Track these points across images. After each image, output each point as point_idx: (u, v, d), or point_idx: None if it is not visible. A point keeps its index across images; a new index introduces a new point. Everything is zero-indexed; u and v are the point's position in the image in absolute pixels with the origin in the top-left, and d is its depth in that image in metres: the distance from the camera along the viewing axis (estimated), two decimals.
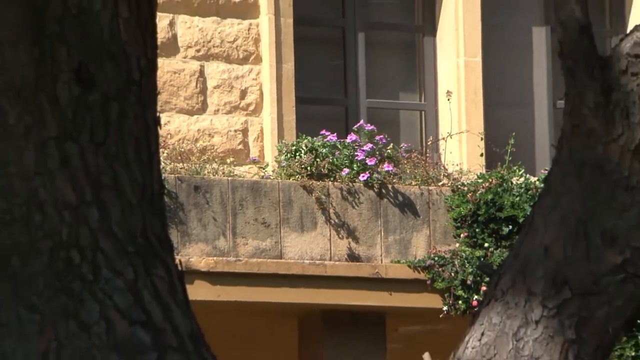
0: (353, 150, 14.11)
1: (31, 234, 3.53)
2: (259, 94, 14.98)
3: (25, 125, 3.56)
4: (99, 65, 3.61)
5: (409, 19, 16.05)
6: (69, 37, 3.53)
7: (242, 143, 15.07)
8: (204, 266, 13.03)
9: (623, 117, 3.77)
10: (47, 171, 3.57)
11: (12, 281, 3.49)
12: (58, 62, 3.52)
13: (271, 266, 13.35)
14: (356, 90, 15.41)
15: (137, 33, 3.73)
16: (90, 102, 3.59)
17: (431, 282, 13.61)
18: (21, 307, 3.54)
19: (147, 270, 3.60)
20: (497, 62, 15.64)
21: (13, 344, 3.50)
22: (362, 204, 13.74)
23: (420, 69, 15.73)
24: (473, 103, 15.21)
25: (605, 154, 3.81)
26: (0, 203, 3.54)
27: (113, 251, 3.54)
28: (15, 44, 3.52)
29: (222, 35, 14.94)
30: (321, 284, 13.51)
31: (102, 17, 3.60)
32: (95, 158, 3.57)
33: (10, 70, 3.54)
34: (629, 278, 3.82)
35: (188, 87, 14.64)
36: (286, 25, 14.86)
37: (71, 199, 3.56)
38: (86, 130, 3.56)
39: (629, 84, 3.80)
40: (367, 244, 13.85)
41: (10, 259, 3.55)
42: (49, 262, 3.51)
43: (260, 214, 13.69)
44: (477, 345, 3.86)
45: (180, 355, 3.59)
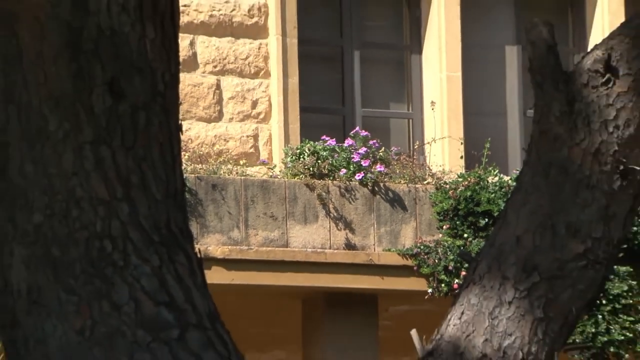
0: (350, 153, 14.04)
1: (69, 226, 3.50)
2: (268, 104, 14.89)
3: (64, 131, 3.53)
4: (129, 79, 3.57)
5: (398, 39, 15.96)
6: (102, 55, 3.51)
7: (253, 147, 14.95)
8: (220, 254, 12.96)
9: (585, 125, 3.73)
10: (84, 171, 3.53)
11: (52, 268, 3.47)
12: (93, 76, 3.49)
13: (278, 254, 13.28)
14: (352, 101, 15.30)
15: (162, 51, 3.71)
16: (120, 111, 3.55)
17: (417, 267, 13.53)
18: (61, 290, 3.52)
19: (170, 258, 3.55)
20: (475, 76, 15.49)
21: (53, 322, 3.47)
22: (358, 200, 13.68)
23: (408, 83, 15.64)
24: (454, 112, 15.14)
25: (569, 156, 3.77)
26: (42, 199, 3.52)
27: (141, 241, 3.51)
28: (55, 60, 3.48)
29: (236, 53, 14.89)
30: (322, 269, 13.42)
31: (131, 38, 3.58)
32: (125, 160, 3.53)
33: (51, 83, 3.51)
34: (589, 265, 3.79)
35: (206, 98, 14.55)
36: (291, 44, 14.77)
37: (104, 196, 3.52)
38: (117, 136, 3.53)
39: (589, 96, 3.76)
40: (362, 235, 13.77)
41: (51, 248, 3.51)
42: (85, 251, 3.49)
43: (269, 208, 13.60)
44: (457, 323, 3.82)
45: (199, 331, 3.55)
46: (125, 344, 3.48)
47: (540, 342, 3.84)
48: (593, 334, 13.22)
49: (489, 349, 3.81)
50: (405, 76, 15.83)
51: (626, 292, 13.35)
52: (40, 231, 3.57)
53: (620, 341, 13.25)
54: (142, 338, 3.49)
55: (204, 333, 3.62)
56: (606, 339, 13.18)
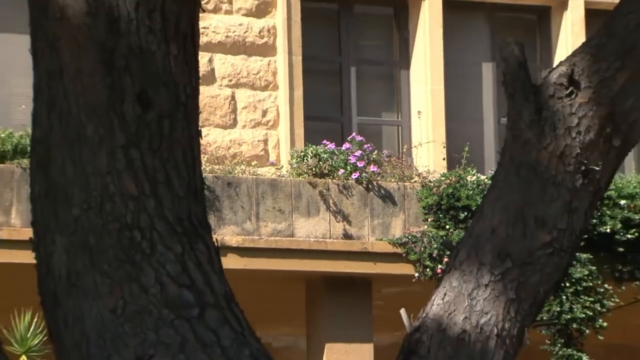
0: (347, 156, 13.93)
1: (103, 219, 3.51)
2: (276, 113, 14.77)
3: (99, 136, 3.54)
4: (155, 91, 3.58)
5: (389, 56, 15.86)
6: (132, 70, 3.51)
7: (263, 150, 14.85)
8: (234, 243, 12.87)
9: (551, 131, 3.70)
10: (116, 171, 3.53)
11: (89, 255, 3.47)
12: (124, 88, 3.50)
13: (285, 243, 13.18)
14: (349, 110, 15.20)
15: (184, 67, 3.70)
16: (148, 119, 3.56)
17: (406, 254, 13.42)
18: (96, 274, 3.53)
19: (191, 246, 3.56)
20: (456, 89, 15.37)
21: (90, 302, 3.48)
22: (354, 196, 13.55)
23: (397, 94, 15.52)
24: (437, 120, 15.03)
25: (537, 158, 3.74)
26: (80, 195, 3.54)
27: (165, 231, 3.52)
28: (92, 75, 3.49)
29: (248, 69, 14.81)
30: (323, 256, 13.31)
31: (157, 56, 3.59)
32: (152, 161, 3.54)
33: (88, 95, 3.51)
34: (555, 252, 3.76)
35: (222, 108, 14.45)
36: (296, 61, 14.68)
37: (134, 192, 3.52)
38: (145, 140, 3.54)
39: (555, 106, 3.72)
40: (358, 226, 13.66)
41: (88, 238, 3.52)
42: (117, 240, 3.49)
43: (277, 203, 13.48)
44: (440, 303, 3.79)
45: (217, 310, 3.55)
46: (152, 320, 3.48)
47: (513, 319, 3.81)
48: (558, 312, 13.17)
49: (468, 326, 3.77)
50: (395, 89, 15.72)
51: (587, 276, 13.23)
52: (78, 223, 3.56)
53: (582, 318, 13.17)
54: (167, 316, 3.50)
55: (220, 312, 3.61)
56: (569, 317, 13.10)
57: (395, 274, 13.54)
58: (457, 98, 15.53)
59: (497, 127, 15.11)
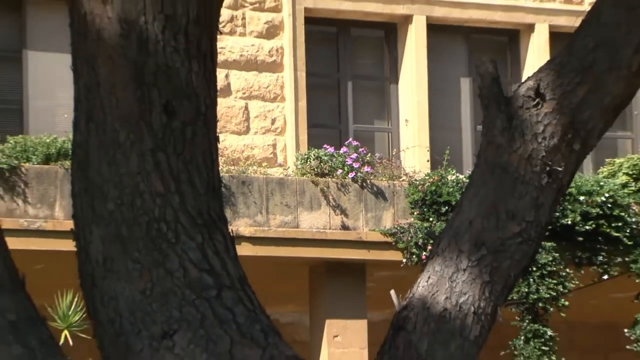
0: (344, 158, 13.79)
1: (134, 212, 3.52)
2: (283, 121, 14.69)
3: (131, 141, 3.54)
4: (179, 102, 3.58)
5: (380, 72, 15.72)
6: (159, 84, 3.52)
7: (272, 153, 14.74)
8: (248, 233, 12.78)
9: (520, 136, 3.69)
10: (145, 171, 3.55)
11: (122, 243, 3.47)
12: (152, 100, 3.51)
13: (291, 233, 13.10)
14: (346, 119, 15.14)
15: (204, 81, 3.72)
16: (173, 127, 3.56)
17: (395, 243, 13.33)
18: (128, 260, 3.54)
19: (210, 236, 3.56)
20: (438, 100, 15.25)
21: (122, 284, 3.49)
22: (350, 193, 13.41)
23: (387, 105, 15.40)
24: (422, 127, 14.93)
25: (508, 160, 3.73)
26: (114, 192, 3.54)
27: (188, 223, 3.52)
28: (124, 88, 3.50)
29: (259, 83, 14.68)
30: (323, 244, 13.21)
31: (181, 72, 3.59)
32: (176, 163, 3.55)
33: (121, 106, 3.52)
34: (524, 241, 3.75)
35: (237, 117, 14.36)
36: (301, 76, 14.60)
37: (160, 190, 3.53)
38: (170, 145, 3.54)
39: (524, 115, 3.72)
40: (354, 219, 13.54)
41: (121, 229, 3.53)
42: (146, 231, 3.50)
43: (284, 199, 13.36)
44: (425, 285, 3.79)
45: (232, 291, 3.55)
46: (176, 300, 3.49)
47: (487, 299, 3.81)
48: (526, 292, 13.09)
49: (449, 305, 3.77)
50: (386, 100, 15.61)
51: (551, 261, 13.19)
52: (113, 216, 3.58)
53: (547, 298, 13.04)
54: (189, 296, 3.50)
55: (235, 292, 3.61)
56: (536, 297, 13.00)
57: (386, 260, 13.40)
58: (439, 108, 15.44)
59: (473, 134, 15.03)
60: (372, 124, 15.71)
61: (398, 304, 3.95)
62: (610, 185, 13.76)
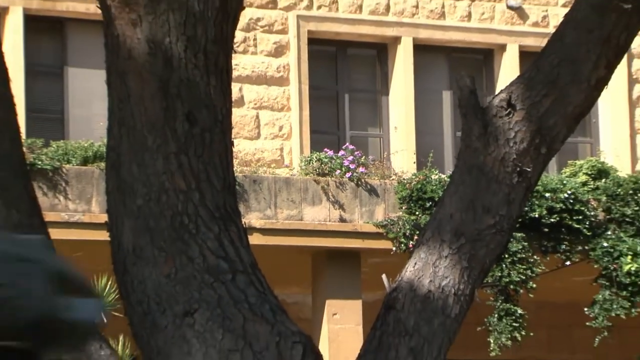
0: (342, 160, 13.67)
1: (160, 207, 3.54)
2: (289, 129, 14.57)
3: (157, 145, 3.57)
4: (199, 111, 3.60)
5: (373, 86, 15.51)
6: (182, 96, 3.52)
7: (280, 156, 14.64)
8: (258, 225, 12.65)
9: (494, 141, 3.69)
10: (169, 171, 3.56)
11: (149, 234, 3.49)
12: (176, 110, 3.53)
13: (296, 225, 12.98)
14: (344, 126, 15.03)
15: (220, 94, 3.72)
16: (194, 132, 3.57)
17: (386, 234, 13.24)
18: (155, 248, 3.56)
19: (226, 228, 3.57)
20: (423, 110, 15.10)
21: (150, 270, 3.50)
22: (347, 190, 13.32)
23: (379, 114, 15.30)
24: (410, 133, 14.84)
25: (484, 162, 3.73)
26: (143, 190, 3.56)
27: (207, 217, 3.54)
28: (152, 99, 3.51)
29: (269, 95, 14.58)
30: (324, 235, 13.13)
31: (201, 85, 3.60)
32: (197, 164, 3.58)
33: (149, 114, 3.53)
34: (497, 232, 3.76)
35: (249, 124, 14.23)
36: (304, 89, 14.46)
37: (183, 187, 3.55)
38: (192, 148, 3.55)
39: (497, 122, 3.72)
40: (350, 213, 13.46)
41: (149, 221, 3.55)
42: (170, 223, 3.51)
43: (290, 195, 13.24)
44: (412, 270, 3.78)
45: (245, 275, 3.56)
46: (196, 283, 3.51)
47: (466, 282, 3.80)
48: (499, 276, 13.08)
49: (432, 287, 3.76)
50: (378, 110, 15.48)
51: (520, 249, 13.18)
52: (141, 210, 3.57)
53: (517, 281, 13.01)
54: (207, 279, 3.53)
55: (247, 276, 3.64)
56: (508, 280, 12.89)
57: (378, 248, 13.27)
58: (424, 117, 15.31)
59: (454, 139, 14.90)
60: (366, 131, 15.58)
61: (389, 286, 3.95)
62: (572, 183, 13.62)
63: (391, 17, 15.52)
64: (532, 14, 15.92)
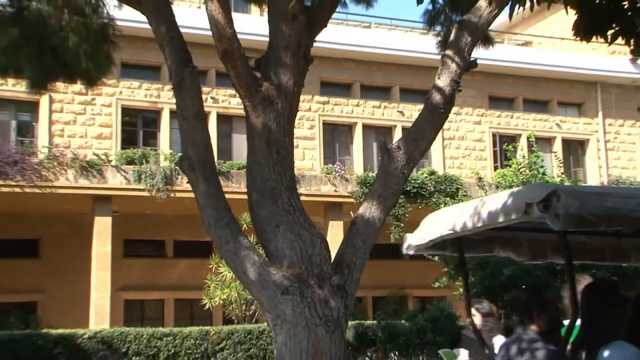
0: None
1: (264, 187, 4.26)
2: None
3: (266, 161, 4.40)
4: (282, 147, 4.52)
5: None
6: (274, 144, 4.37)
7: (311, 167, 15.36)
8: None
9: (393, 161, 4.67)
10: (272, 179, 4.42)
11: (263, 206, 4.24)
12: (271, 150, 4.45)
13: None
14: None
15: (290, 139, 4.48)
16: (280, 157, 4.45)
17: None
18: (268, 208, 4.30)
19: (293, 195, 4.43)
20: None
21: (261, 211, 4.18)
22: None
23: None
24: None
25: (388, 169, 4.58)
26: (258, 181, 4.28)
27: (288, 190, 4.47)
28: (261, 145, 4.31)
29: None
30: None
31: (284, 141, 4.49)
32: (282, 170, 4.52)
33: (262, 150, 4.31)
34: (393, 194, 4.69)
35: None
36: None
37: (275, 181, 4.32)
38: (280, 165, 4.47)
39: (394, 154, 4.67)
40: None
41: (260, 195, 4.23)
42: (273, 201, 4.29)
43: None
44: (364, 204, 4.57)
45: (300, 213, 4.41)
46: (281, 217, 4.28)
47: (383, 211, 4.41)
48: None
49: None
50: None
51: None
52: (259, 189, 4.35)
53: None
54: (285, 216, 4.36)
55: (302, 213, 4.46)
56: None
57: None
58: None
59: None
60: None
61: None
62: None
63: None
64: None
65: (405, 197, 13.64)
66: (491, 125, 16.73)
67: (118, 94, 13.74)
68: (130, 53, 11.71)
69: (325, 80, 15.92)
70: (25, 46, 5.37)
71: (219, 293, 11.80)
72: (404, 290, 15.87)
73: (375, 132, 16.22)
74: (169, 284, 14.50)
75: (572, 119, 16.79)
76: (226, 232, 4.17)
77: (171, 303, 14.54)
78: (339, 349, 4.22)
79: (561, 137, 16.70)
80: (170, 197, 12.59)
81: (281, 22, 4.34)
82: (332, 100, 16.23)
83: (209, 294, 11.94)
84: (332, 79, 16.13)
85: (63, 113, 13.40)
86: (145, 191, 12.41)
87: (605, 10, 2.80)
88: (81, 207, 12.49)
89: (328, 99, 15.75)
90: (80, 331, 10.33)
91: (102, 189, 12.50)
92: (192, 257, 14.44)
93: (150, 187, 12.44)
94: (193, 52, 4.43)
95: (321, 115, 15.77)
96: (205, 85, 14.04)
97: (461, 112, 16.47)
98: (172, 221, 13.88)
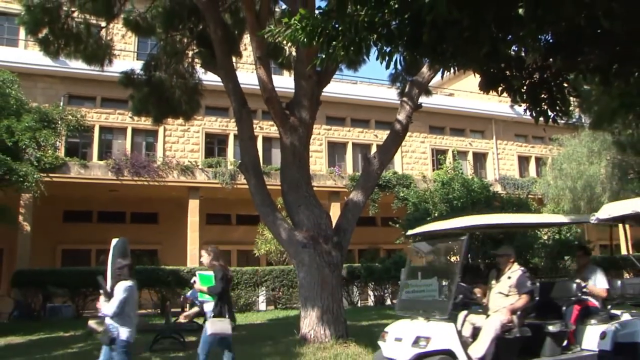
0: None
1: (292, 184, 4.19)
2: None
3: (294, 168, 4.20)
4: (302, 159, 4.36)
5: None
6: (302, 158, 4.17)
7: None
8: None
9: (370, 165, 4.43)
10: (296, 179, 4.26)
11: (290, 198, 4.03)
12: (294, 161, 4.30)
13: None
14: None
15: (305, 150, 4.15)
16: (301, 165, 4.29)
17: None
18: (294, 196, 4.07)
19: (310, 186, 4.36)
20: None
21: (292, 195, 4.00)
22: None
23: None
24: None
25: (369, 172, 4.45)
26: (288, 180, 4.30)
27: (306, 186, 4.27)
28: (289, 158, 4.04)
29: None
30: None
31: (304, 155, 4.27)
32: (302, 175, 4.39)
33: (289, 162, 4.00)
34: (372, 185, 4.44)
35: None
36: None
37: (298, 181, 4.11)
38: (301, 178, 4.19)
39: (370, 161, 4.40)
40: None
41: (289, 191, 3.99)
42: (297, 193, 4.17)
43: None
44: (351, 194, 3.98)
45: (315, 198, 4.33)
46: (302, 200, 4.26)
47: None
48: None
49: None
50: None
51: None
52: (288, 184, 4.48)
53: None
54: (305, 199, 4.30)
55: (315, 199, 4.46)
56: None
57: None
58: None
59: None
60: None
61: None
62: None
63: None
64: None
65: (378, 187, 14.34)
66: (430, 143, 19.76)
67: (203, 124, 16.27)
68: (210, 100, 13.37)
69: (329, 116, 17.90)
70: (151, 97, 6.28)
71: (263, 246, 13.70)
72: (377, 245, 17.68)
73: (360, 147, 17.69)
74: (233, 240, 17.17)
75: (478, 140, 19.38)
76: (267, 209, 4.58)
77: (235, 253, 17.02)
78: (337, 281, 4.59)
79: (472, 152, 19.55)
80: (234, 187, 14.80)
81: (301, 80, 4.76)
82: (333, 127, 17.45)
83: (258, 247, 13.90)
84: (333, 115, 18.16)
85: (171, 137, 15.79)
86: (219, 184, 14.39)
87: (497, 75, 3.16)
88: (181, 194, 14.52)
89: (330, 127, 17.24)
90: (182, 268, 12.01)
91: (193, 183, 14.65)
92: (247, 225, 16.76)
93: (222, 181, 14.44)
94: (248, 99, 4.84)
95: (326, 137, 17.22)
96: (255, 119, 15.58)
97: (412, 135, 18.46)
98: (235, 202, 15.94)
